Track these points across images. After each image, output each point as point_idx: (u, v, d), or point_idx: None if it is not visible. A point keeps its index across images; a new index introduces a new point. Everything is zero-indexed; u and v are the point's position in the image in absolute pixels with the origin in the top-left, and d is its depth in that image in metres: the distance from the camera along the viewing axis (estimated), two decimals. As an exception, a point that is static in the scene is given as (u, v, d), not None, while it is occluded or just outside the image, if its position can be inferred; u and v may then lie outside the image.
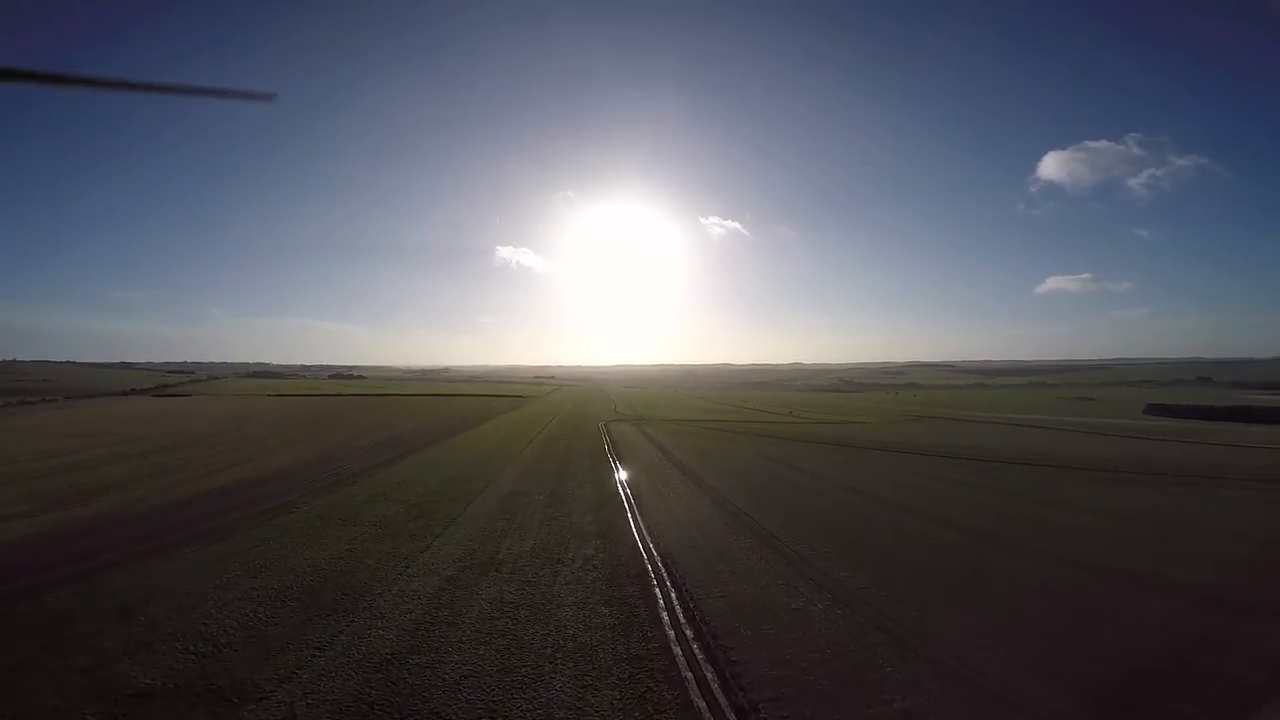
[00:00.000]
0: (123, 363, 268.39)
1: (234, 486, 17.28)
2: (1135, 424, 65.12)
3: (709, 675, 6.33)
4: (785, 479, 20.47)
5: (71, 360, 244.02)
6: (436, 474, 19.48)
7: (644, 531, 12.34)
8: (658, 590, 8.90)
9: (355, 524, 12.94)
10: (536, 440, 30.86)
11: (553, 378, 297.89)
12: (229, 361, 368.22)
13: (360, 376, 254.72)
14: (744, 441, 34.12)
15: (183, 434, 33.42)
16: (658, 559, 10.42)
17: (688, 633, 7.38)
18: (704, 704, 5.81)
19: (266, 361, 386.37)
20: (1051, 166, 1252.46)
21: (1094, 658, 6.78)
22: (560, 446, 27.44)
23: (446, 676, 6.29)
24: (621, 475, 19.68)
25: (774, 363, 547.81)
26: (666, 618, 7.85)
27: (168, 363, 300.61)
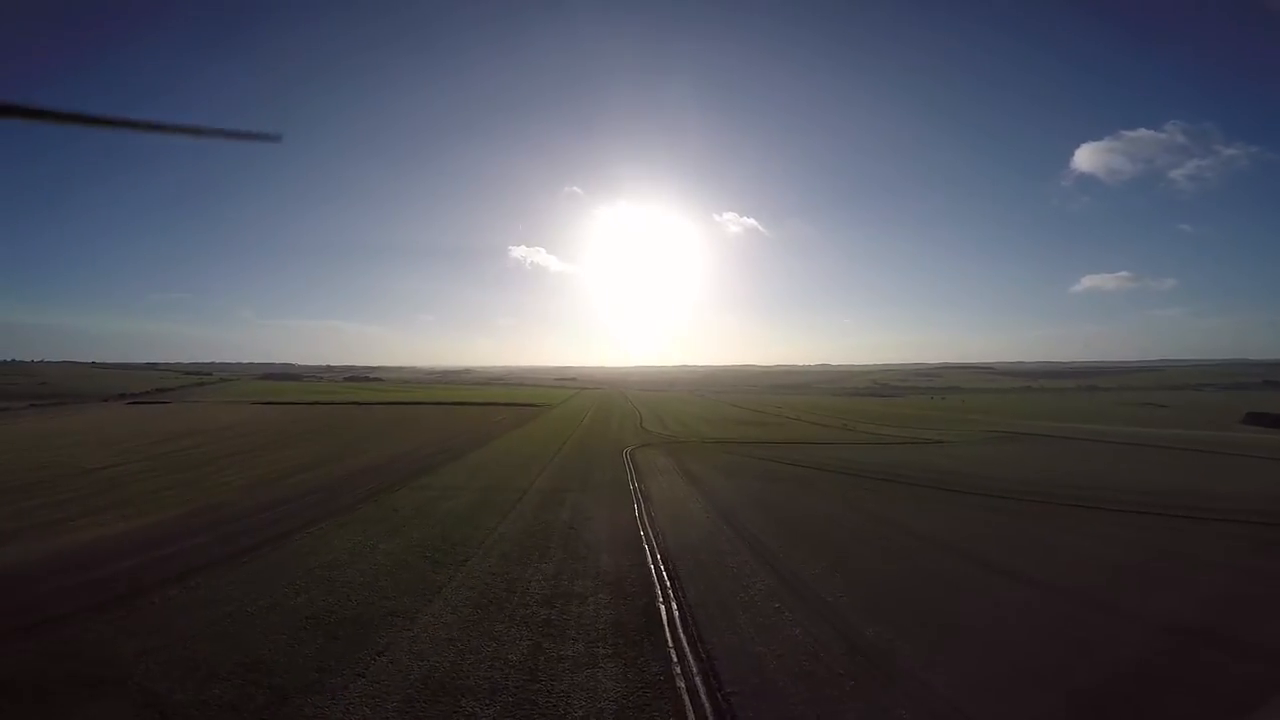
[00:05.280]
0: (148, 364, 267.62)
1: None
2: (1263, 438, 53.36)
3: None
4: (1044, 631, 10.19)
5: (98, 361, 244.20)
6: (351, 575, 10.15)
7: None
8: None
9: None
10: (536, 485, 21.49)
11: (574, 380, 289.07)
12: (254, 362, 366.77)
13: (378, 379, 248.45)
14: (827, 486, 24.21)
15: (53, 466, 24.98)
16: None
17: None
18: None
19: (291, 362, 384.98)
20: (1086, 158, 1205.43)
21: None
22: (565, 510, 17.94)
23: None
24: (663, 577, 10.08)
25: (800, 364, 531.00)
26: None
27: (194, 363, 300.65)
